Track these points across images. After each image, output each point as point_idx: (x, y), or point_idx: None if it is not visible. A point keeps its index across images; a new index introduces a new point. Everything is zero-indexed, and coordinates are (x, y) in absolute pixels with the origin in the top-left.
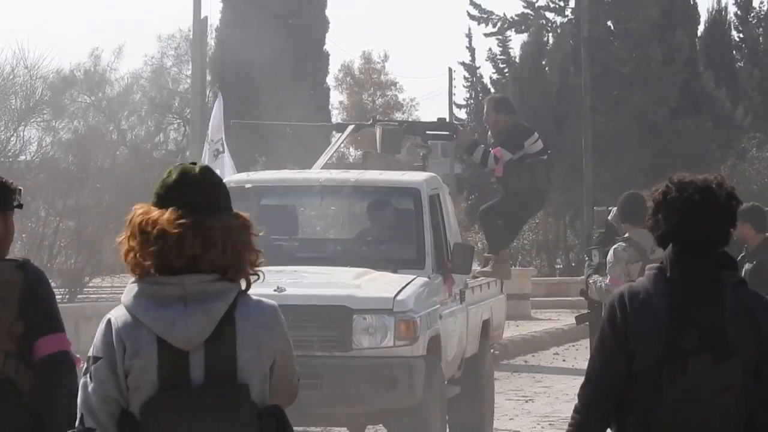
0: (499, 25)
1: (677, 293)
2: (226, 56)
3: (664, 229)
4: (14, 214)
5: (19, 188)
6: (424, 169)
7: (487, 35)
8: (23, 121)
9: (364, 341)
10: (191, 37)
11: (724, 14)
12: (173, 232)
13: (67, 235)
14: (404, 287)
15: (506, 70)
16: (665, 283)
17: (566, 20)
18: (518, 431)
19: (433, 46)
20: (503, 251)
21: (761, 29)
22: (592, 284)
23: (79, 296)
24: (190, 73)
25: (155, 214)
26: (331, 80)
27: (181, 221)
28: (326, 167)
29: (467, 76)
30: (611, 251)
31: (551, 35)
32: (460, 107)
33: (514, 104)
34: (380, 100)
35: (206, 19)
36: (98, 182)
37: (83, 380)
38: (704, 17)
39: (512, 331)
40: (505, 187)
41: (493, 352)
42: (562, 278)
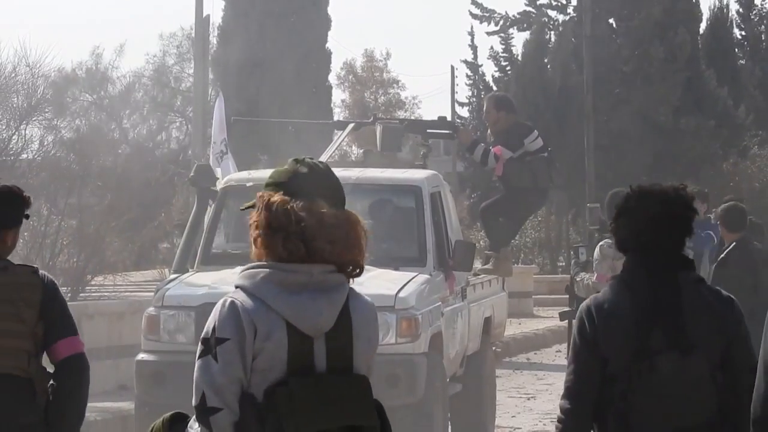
0: (501, 23)
1: (639, 298)
2: (228, 54)
3: (623, 234)
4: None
5: (29, 198)
6: (425, 167)
7: (489, 33)
8: (25, 119)
9: None
10: (193, 35)
11: (725, 12)
12: (306, 223)
13: (68, 233)
14: (406, 284)
15: (508, 68)
16: (627, 289)
17: (568, 18)
18: (520, 428)
19: (435, 44)
20: (504, 249)
21: (763, 27)
22: (579, 281)
23: (81, 295)
24: (192, 71)
25: (289, 204)
26: (333, 78)
27: (321, 211)
28: None
29: (469, 74)
30: (597, 248)
31: (553, 33)
32: (462, 105)
33: (515, 102)
34: (382, 98)
35: (208, 17)
36: (100, 181)
37: (202, 361)
38: (706, 15)
39: (514, 328)
40: (506, 184)
41: (494, 349)
42: (564, 276)
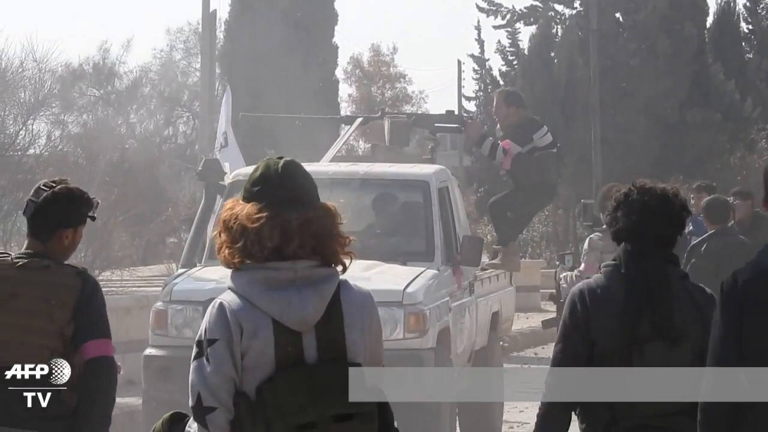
0: (508, 17)
1: (631, 286)
2: (235, 49)
3: (621, 225)
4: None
5: (96, 201)
6: (432, 161)
7: (496, 27)
8: (32, 114)
9: None
10: (200, 30)
11: (732, 6)
12: (251, 226)
13: None
14: (414, 279)
15: (515, 62)
16: (620, 277)
17: (575, 12)
18: (528, 423)
19: (442, 38)
20: (512, 243)
21: None
22: (562, 279)
23: None
24: (199, 66)
25: (238, 209)
26: (339, 73)
27: (258, 215)
28: (335, 160)
29: (476, 68)
30: (587, 240)
31: (560, 27)
32: (469, 99)
33: (524, 97)
34: (389, 92)
35: (215, 12)
36: (107, 176)
37: (196, 363)
38: (713, 9)
39: (522, 323)
40: (514, 179)
41: (502, 344)
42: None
